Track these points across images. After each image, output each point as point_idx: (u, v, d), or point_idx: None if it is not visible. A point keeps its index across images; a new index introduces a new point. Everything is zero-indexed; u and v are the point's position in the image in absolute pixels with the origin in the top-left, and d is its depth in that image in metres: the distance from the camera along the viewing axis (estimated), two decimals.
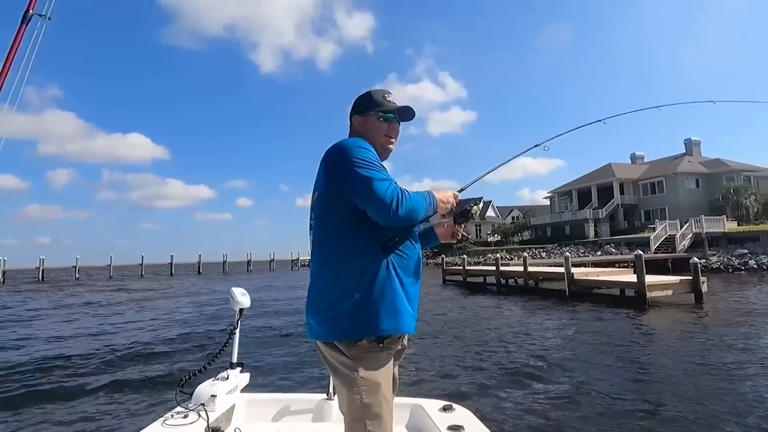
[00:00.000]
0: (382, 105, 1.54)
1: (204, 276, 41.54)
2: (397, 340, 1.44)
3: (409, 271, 1.44)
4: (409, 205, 1.33)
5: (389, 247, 1.39)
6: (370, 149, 1.42)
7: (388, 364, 1.40)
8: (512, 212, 60.23)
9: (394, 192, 1.31)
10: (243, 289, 2.28)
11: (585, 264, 21.16)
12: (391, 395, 1.40)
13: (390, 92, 1.58)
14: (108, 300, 19.07)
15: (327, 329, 1.38)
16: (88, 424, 3.53)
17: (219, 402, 1.99)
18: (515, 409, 3.86)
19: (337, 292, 1.36)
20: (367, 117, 1.54)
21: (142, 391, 4.17)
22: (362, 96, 1.59)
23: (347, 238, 1.38)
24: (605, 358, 6.15)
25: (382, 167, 1.39)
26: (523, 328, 8.26)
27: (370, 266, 1.36)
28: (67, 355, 5.72)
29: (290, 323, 6.96)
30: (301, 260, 65.49)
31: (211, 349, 5.62)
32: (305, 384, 4.18)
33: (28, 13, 2.62)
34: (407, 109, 1.58)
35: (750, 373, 5.35)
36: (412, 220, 1.38)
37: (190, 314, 11.88)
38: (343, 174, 1.36)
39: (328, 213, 1.41)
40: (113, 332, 7.12)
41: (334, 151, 1.43)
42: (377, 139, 1.53)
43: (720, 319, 9.32)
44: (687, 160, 39.62)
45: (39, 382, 4.69)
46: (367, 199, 1.32)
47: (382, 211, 1.31)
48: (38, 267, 42.16)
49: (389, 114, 1.54)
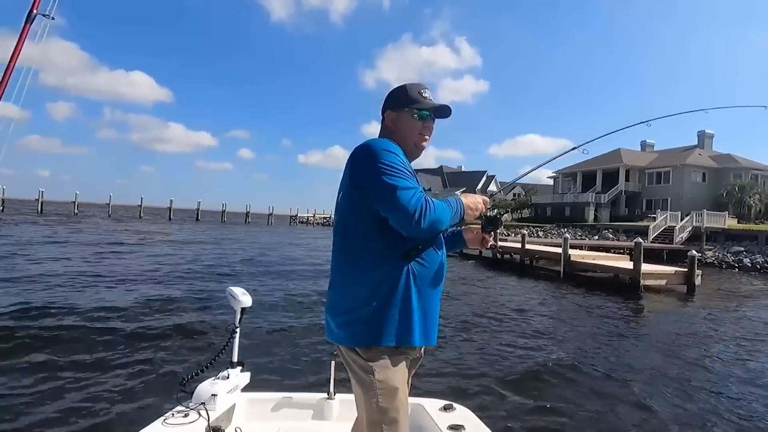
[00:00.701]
0: (418, 102, 1.45)
1: (203, 223, 41.76)
2: (415, 347, 1.41)
3: (431, 281, 1.40)
4: (432, 216, 1.27)
5: (411, 256, 1.34)
6: (398, 153, 1.35)
7: (406, 368, 1.40)
8: (514, 188, 59.96)
9: (418, 202, 1.25)
10: (243, 289, 2.24)
11: (581, 247, 21.26)
12: (407, 400, 1.39)
13: (427, 88, 1.50)
14: (107, 245, 19.20)
15: (345, 333, 1.37)
16: (87, 424, 3.44)
17: (219, 401, 1.98)
18: (515, 409, 3.86)
19: (356, 298, 1.34)
20: (401, 113, 1.46)
21: (141, 390, 4.06)
22: (397, 90, 1.50)
23: (368, 243, 1.34)
24: (605, 346, 6.26)
25: (409, 174, 1.32)
26: (520, 312, 8.31)
27: (389, 275, 1.33)
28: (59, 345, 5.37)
29: (291, 318, 6.96)
30: (299, 217, 65.79)
31: (210, 341, 5.62)
32: (306, 383, 4.20)
33: (32, 12, 2.65)
34: (444, 108, 1.50)
35: (730, 362, 5.49)
36: (435, 230, 1.32)
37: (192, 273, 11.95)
38: (368, 179, 1.30)
39: (351, 216, 1.38)
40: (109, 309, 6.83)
41: (360, 153, 1.36)
42: (410, 137, 1.46)
43: (708, 312, 9.47)
44: (698, 152, 39.07)
45: (30, 376, 4.37)
46: (390, 207, 1.27)
47: (404, 221, 1.26)
48: (37, 199, 42.22)
49: (425, 111, 1.46)
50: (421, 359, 1.56)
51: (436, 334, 1.44)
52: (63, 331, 5.63)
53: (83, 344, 5.34)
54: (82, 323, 6.04)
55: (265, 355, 5.08)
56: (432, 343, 1.44)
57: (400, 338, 1.33)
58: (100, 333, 5.66)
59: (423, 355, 1.55)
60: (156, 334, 5.76)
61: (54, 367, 4.69)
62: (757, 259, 21.34)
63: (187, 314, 6.82)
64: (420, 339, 1.37)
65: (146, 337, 5.61)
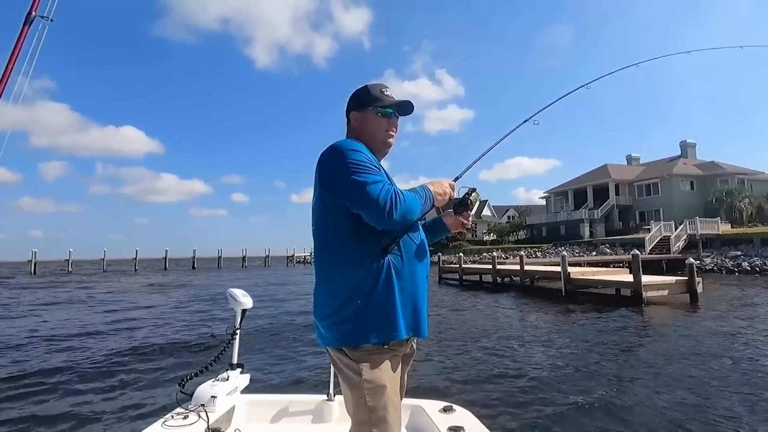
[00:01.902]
0: (380, 100, 1.48)
1: (198, 271, 41.37)
2: (404, 343, 1.41)
3: (412, 272, 1.39)
4: (403, 207, 1.28)
5: (390, 250, 1.35)
6: (363, 151, 1.37)
7: (395, 366, 1.38)
8: (508, 211, 60.41)
9: (387, 195, 1.26)
10: (243, 291, 2.26)
11: (580, 264, 21.24)
12: (398, 399, 1.37)
13: (387, 86, 1.53)
14: (103, 295, 18.94)
15: (333, 334, 1.36)
16: (87, 425, 3.50)
17: (219, 403, 1.99)
18: (516, 410, 3.84)
19: (339, 299, 1.34)
20: (365, 113, 1.48)
21: (142, 392, 4.15)
22: (359, 91, 1.52)
23: (345, 242, 1.35)
24: (607, 357, 6.17)
25: (376, 169, 1.34)
26: (521, 327, 8.27)
27: (369, 272, 1.32)
28: (64, 354, 5.62)
29: (291, 322, 6.92)
30: (296, 257, 65.42)
31: (210, 348, 5.59)
32: (305, 385, 4.15)
33: (31, 14, 2.68)
34: (406, 104, 1.52)
35: (743, 372, 5.38)
36: (408, 221, 1.33)
37: (188, 309, 11.83)
38: (336, 178, 1.32)
39: (325, 217, 1.39)
40: (110, 331, 7.02)
41: (327, 155, 1.38)
42: (377, 135, 1.49)
43: (715, 319, 9.38)
44: (682, 162, 39.89)
45: (36, 381, 4.62)
46: (361, 203, 1.28)
47: (376, 215, 1.27)
48: (30, 260, 41.75)
49: (388, 109, 1.48)
50: (414, 354, 1.53)
51: (425, 325, 1.42)
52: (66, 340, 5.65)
53: (85, 351, 5.37)
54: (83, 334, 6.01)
55: (264, 357, 5.00)
56: (422, 335, 1.42)
57: (387, 334, 1.32)
58: (101, 339, 5.63)
59: (415, 350, 1.53)
60: (155, 339, 5.72)
61: (55, 370, 4.80)
62: (755, 261, 21.39)
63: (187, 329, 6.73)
64: (407, 331, 1.35)
65: (146, 340, 5.56)
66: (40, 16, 2.71)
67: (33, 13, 2.69)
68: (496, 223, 53.77)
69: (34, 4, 2.71)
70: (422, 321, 1.41)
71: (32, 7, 2.71)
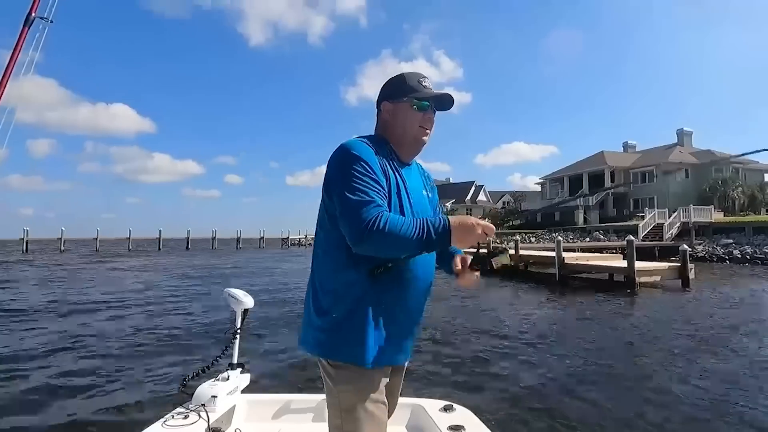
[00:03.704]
0: (417, 91, 1.33)
1: (193, 252, 41.28)
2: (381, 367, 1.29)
3: (402, 300, 1.27)
4: (380, 239, 1.09)
5: (377, 274, 1.20)
6: (369, 158, 1.22)
7: (376, 383, 1.27)
8: (503, 197, 60.55)
9: (367, 217, 1.10)
10: (244, 291, 2.25)
11: (574, 249, 21.39)
12: (378, 407, 1.26)
13: (426, 76, 1.38)
14: (99, 278, 18.87)
15: (307, 340, 1.31)
16: (87, 425, 3.48)
17: (219, 402, 1.99)
18: (516, 410, 3.82)
19: (320, 304, 1.27)
20: (399, 104, 1.34)
21: (142, 392, 4.14)
22: (394, 79, 1.38)
23: (336, 248, 1.24)
24: (605, 349, 6.19)
25: (374, 183, 1.19)
26: (518, 318, 8.29)
27: (352, 287, 1.22)
28: (63, 352, 5.48)
29: (292, 320, 6.90)
30: (291, 239, 65.42)
31: (209, 346, 5.58)
32: (306, 384, 4.16)
33: (31, 15, 2.70)
34: (446, 97, 1.36)
35: (732, 355, 5.47)
36: (386, 253, 1.17)
37: (189, 301, 11.81)
38: (331, 182, 1.23)
39: (323, 218, 1.30)
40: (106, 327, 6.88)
41: (333, 156, 1.27)
42: (409, 130, 1.34)
43: (705, 304, 9.51)
44: (678, 150, 39.97)
45: (34, 380, 4.54)
46: (341, 213, 1.17)
47: (349, 233, 1.14)
48: (22, 238, 41.43)
49: (425, 102, 1.33)
50: (404, 369, 1.45)
51: (408, 351, 1.35)
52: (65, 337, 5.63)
53: (84, 349, 5.37)
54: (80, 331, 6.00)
55: (265, 357, 5.02)
56: (400, 363, 1.36)
57: (359, 358, 1.22)
58: (100, 337, 5.62)
59: (406, 366, 1.45)
60: (156, 337, 5.73)
61: (54, 368, 4.79)
62: (746, 249, 21.66)
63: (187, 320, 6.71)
64: (385, 358, 1.25)
65: (146, 340, 5.56)
66: (40, 17, 2.73)
67: (33, 14, 2.71)
68: (491, 208, 53.93)
69: (34, 5, 2.72)
70: (406, 348, 1.34)
71: (32, 8, 2.71)
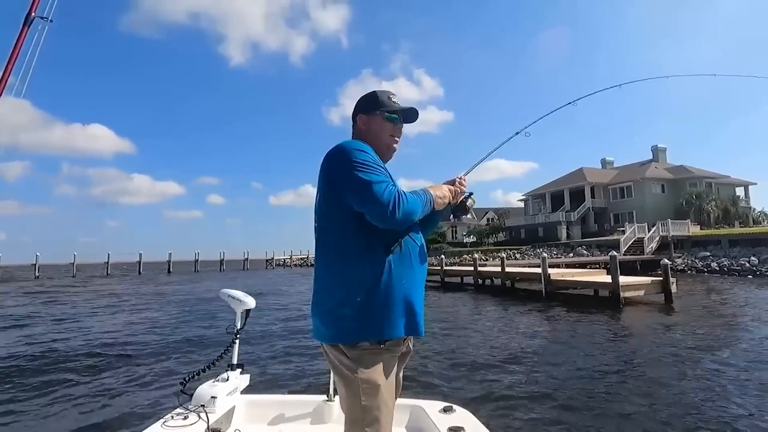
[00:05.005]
0: (386, 105, 1.56)
1: (175, 275, 40.32)
2: (401, 342, 1.44)
3: (412, 272, 1.43)
4: (406, 207, 1.32)
5: (391, 249, 1.38)
6: (369, 151, 1.42)
7: (391, 366, 1.40)
8: (487, 213, 61.20)
9: (391, 195, 1.31)
10: (243, 292, 2.27)
11: (559, 265, 21.67)
12: (392, 399, 1.40)
13: (394, 93, 1.61)
14: (77, 301, 18.27)
15: (331, 331, 1.38)
16: (87, 425, 3.50)
17: (219, 403, 2.00)
18: (515, 411, 3.86)
19: (340, 295, 1.37)
20: (372, 116, 1.56)
21: (141, 393, 4.14)
22: (367, 96, 1.61)
23: (348, 241, 1.38)
24: (598, 358, 6.27)
25: (381, 170, 1.39)
26: (508, 328, 8.36)
27: (371, 270, 1.36)
28: (63, 356, 5.52)
29: (290, 324, 6.84)
30: (275, 260, 64.62)
31: (200, 347, 5.54)
32: (305, 386, 4.13)
33: (31, 15, 2.71)
34: (411, 111, 1.61)
35: (716, 368, 5.56)
36: (409, 221, 1.38)
37: (178, 313, 11.53)
38: (342, 177, 1.36)
39: (330, 216, 1.42)
40: (101, 333, 6.84)
41: (334, 154, 1.43)
42: (382, 138, 1.55)
43: (689, 317, 9.70)
44: (654, 166, 41.32)
45: (36, 383, 4.61)
46: (365, 201, 1.32)
47: (379, 214, 1.31)
48: None
49: (394, 115, 1.56)
50: (410, 353, 1.56)
51: (422, 324, 1.46)
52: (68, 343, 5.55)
53: (83, 353, 5.31)
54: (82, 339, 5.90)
55: (264, 358, 4.98)
56: (419, 334, 1.45)
57: (386, 332, 1.35)
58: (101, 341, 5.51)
59: (412, 350, 1.56)
60: (157, 339, 5.64)
61: (54, 371, 4.78)
62: (723, 261, 22.29)
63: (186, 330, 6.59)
64: (406, 330, 1.39)
65: (147, 340, 5.47)
66: (40, 17, 2.73)
67: (32, 13, 2.71)
68: (476, 225, 54.41)
69: (34, 4, 2.73)
70: (419, 320, 1.44)
71: (32, 7, 2.72)
